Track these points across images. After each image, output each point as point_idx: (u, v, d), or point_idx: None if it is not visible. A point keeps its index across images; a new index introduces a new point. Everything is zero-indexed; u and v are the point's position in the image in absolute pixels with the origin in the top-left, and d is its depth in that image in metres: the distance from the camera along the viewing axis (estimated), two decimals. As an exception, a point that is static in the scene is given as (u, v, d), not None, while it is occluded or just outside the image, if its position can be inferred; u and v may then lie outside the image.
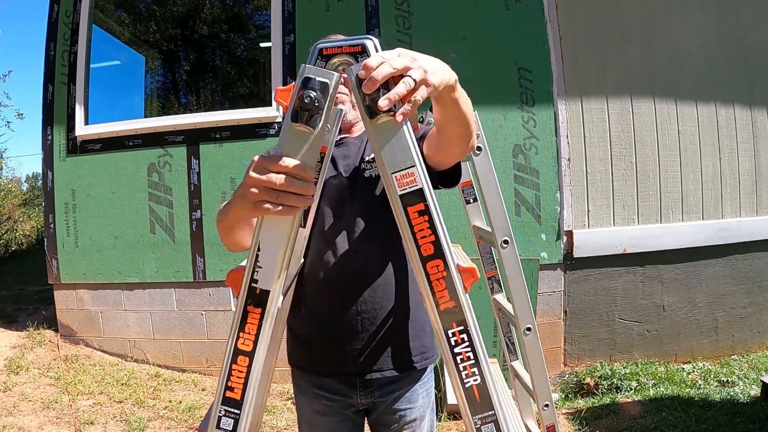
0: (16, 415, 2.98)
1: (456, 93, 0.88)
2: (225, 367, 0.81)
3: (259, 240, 0.79)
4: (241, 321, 0.80)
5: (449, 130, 1.01)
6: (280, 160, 0.75)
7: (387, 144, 0.78)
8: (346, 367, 1.26)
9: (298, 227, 0.82)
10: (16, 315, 4.41)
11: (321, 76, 0.76)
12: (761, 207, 3.71)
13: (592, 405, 2.99)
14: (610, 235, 3.47)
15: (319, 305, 1.27)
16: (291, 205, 0.76)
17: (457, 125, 0.97)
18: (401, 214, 0.79)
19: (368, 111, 0.77)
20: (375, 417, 1.34)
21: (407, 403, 1.31)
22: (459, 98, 0.90)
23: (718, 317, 3.62)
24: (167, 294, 3.70)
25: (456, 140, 1.03)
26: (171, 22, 4.63)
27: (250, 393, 0.81)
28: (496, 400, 0.81)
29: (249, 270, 0.80)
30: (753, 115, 3.68)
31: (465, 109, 0.94)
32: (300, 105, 0.76)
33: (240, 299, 0.80)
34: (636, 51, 3.54)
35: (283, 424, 2.98)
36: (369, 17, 3.45)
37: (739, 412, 2.70)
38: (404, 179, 0.78)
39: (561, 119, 3.43)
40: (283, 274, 0.81)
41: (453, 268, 0.79)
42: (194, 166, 3.61)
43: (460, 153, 1.10)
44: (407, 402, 1.31)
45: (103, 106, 4.06)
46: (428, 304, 0.81)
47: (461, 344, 0.80)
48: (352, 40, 0.80)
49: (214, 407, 0.82)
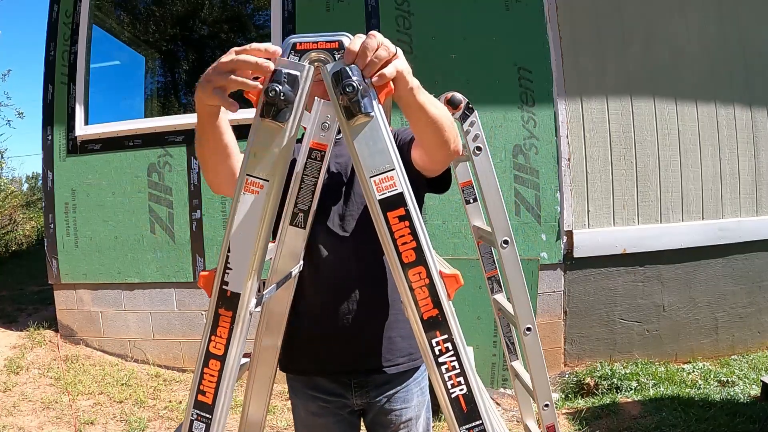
0: (16, 415, 2.98)
1: (420, 96, 0.86)
2: (197, 370, 0.79)
3: (229, 241, 0.77)
4: (212, 324, 0.78)
5: (423, 137, 0.99)
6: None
7: (365, 146, 0.75)
8: (340, 366, 1.27)
9: (269, 228, 0.80)
10: (16, 315, 4.41)
11: (290, 69, 0.74)
12: (761, 207, 3.71)
13: (592, 405, 2.98)
14: (610, 235, 3.47)
15: (314, 305, 1.27)
16: (244, 76, 0.75)
17: (430, 132, 0.95)
18: (380, 220, 0.76)
19: (345, 111, 0.74)
20: (371, 418, 1.34)
21: (402, 403, 1.30)
22: (426, 103, 0.88)
23: (718, 317, 3.62)
24: (167, 294, 3.69)
25: (434, 147, 1.01)
26: (171, 22, 4.63)
27: (222, 397, 0.78)
28: (484, 410, 0.78)
29: (219, 272, 0.78)
30: (753, 115, 3.68)
31: (434, 114, 0.91)
32: (266, 99, 0.73)
33: (211, 302, 0.78)
34: (636, 51, 3.54)
35: (283, 424, 2.98)
36: (369, 17, 3.45)
37: (739, 412, 2.70)
38: (383, 183, 0.75)
39: (561, 119, 3.43)
40: (254, 276, 0.78)
41: (436, 275, 0.76)
42: (194, 166, 3.61)
43: (442, 158, 1.09)
44: (402, 402, 1.30)
45: (103, 106, 4.06)
46: (410, 313, 0.78)
47: (446, 353, 0.77)
48: (328, 36, 0.77)
49: (186, 411, 0.81)
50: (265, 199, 0.77)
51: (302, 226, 1.18)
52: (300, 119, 0.77)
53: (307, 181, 1.16)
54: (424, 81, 0.87)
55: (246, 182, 0.76)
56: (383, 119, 0.76)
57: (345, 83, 0.73)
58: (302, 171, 1.15)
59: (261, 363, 1.25)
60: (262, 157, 0.76)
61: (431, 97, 0.91)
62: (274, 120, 0.74)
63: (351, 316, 1.24)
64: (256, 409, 1.29)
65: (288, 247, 1.19)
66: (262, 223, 0.77)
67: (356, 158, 0.76)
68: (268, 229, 0.79)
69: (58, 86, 3.81)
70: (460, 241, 3.37)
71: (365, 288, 1.25)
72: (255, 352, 1.26)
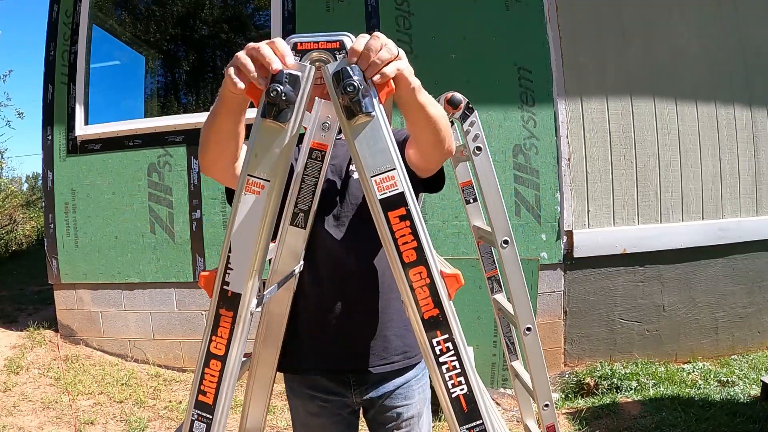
0: (16, 415, 2.98)
1: (421, 96, 0.87)
2: (198, 370, 0.79)
3: (230, 241, 0.77)
4: (213, 324, 0.78)
5: (421, 137, 1.00)
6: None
7: (365, 146, 0.75)
8: (339, 363, 1.27)
9: (270, 228, 0.80)
10: (16, 315, 4.41)
11: (291, 69, 0.74)
12: (761, 207, 3.71)
13: (592, 405, 2.98)
14: (610, 235, 3.47)
15: (312, 305, 1.28)
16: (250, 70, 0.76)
17: (428, 131, 0.96)
18: (381, 220, 0.76)
19: (346, 111, 0.74)
20: (371, 416, 1.34)
21: (403, 400, 1.31)
22: (426, 103, 0.89)
23: (718, 317, 3.62)
24: (167, 294, 3.69)
25: (430, 147, 1.02)
26: (171, 22, 4.63)
27: (223, 397, 0.79)
28: (484, 410, 0.78)
29: (220, 272, 0.78)
30: (753, 115, 3.68)
31: (433, 113, 0.93)
32: (267, 99, 0.73)
33: (212, 302, 0.78)
34: (636, 51, 3.54)
35: (283, 424, 2.98)
36: (369, 17, 3.45)
37: (739, 412, 2.70)
38: (384, 183, 0.75)
39: (561, 119, 3.43)
40: (255, 277, 0.78)
41: (437, 274, 0.76)
42: (194, 166, 3.61)
43: (437, 158, 1.11)
44: (403, 399, 1.31)
45: (103, 106, 4.06)
46: (411, 313, 0.78)
47: (446, 353, 0.77)
48: (329, 35, 0.77)
49: (187, 411, 0.81)
50: (266, 200, 0.77)
51: (303, 226, 1.19)
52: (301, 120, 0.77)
53: (308, 181, 1.16)
54: (424, 81, 0.87)
55: (247, 182, 0.76)
56: (384, 119, 0.76)
57: (346, 83, 0.73)
58: (303, 171, 1.15)
59: (261, 363, 1.25)
60: (263, 157, 0.76)
61: (431, 97, 0.92)
62: (275, 120, 0.74)
63: (347, 315, 1.25)
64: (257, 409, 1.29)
65: (288, 247, 1.20)
66: (263, 224, 0.77)
67: (357, 158, 0.76)
68: (269, 229, 0.79)
69: (58, 86, 3.81)
70: (461, 241, 3.37)
71: (361, 288, 1.26)
72: (255, 352, 1.26)
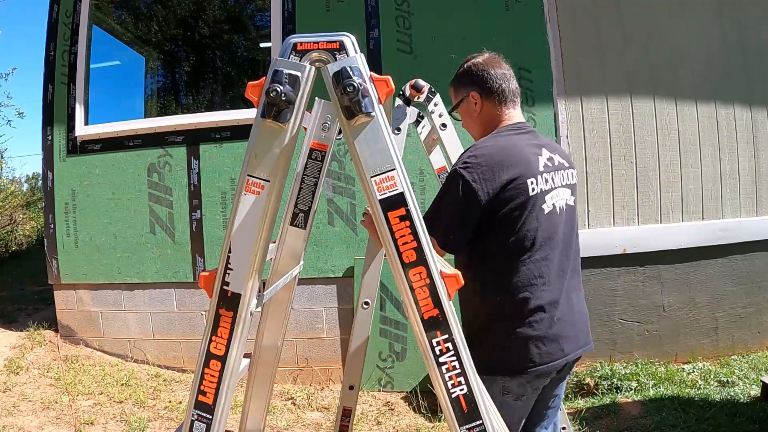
0: (16, 415, 2.98)
1: None
2: (198, 371, 0.79)
3: (230, 241, 0.77)
4: (213, 324, 0.78)
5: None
6: None
7: (365, 146, 0.75)
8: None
9: (270, 228, 0.80)
10: (16, 315, 4.41)
11: (291, 69, 0.74)
12: (761, 207, 3.71)
13: (592, 405, 2.98)
14: (610, 235, 3.47)
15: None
16: None
17: None
18: (381, 220, 0.76)
19: (346, 111, 0.75)
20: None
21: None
22: None
23: (718, 317, 3.62)
24: (167, 294, 3.69)
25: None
26: (171, 22, 4.63)
27: (223, 398, 0.79)
28: (484, 410, 0.78)
29: (220, 273, 0.78)
30: (753, 115, 3.68)
31: None
32: (267, 99, 0.74)
33: (212, 302, 0.78)
34: (636, 51, 3.54)
35: (283, 424, 2.98)
36: (369, 17, 3.45)
37: (739, 412, 2.70)
38: (384, 183, 0.75)
39: (561, 119, 3.43)
40: (255, 277, 0.78)
41: (437, 275, 0.77)
42: (194, 166, 3.61)
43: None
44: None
45: (103, 106, 4.06)
46: (411, 313, 0.78)
47: (446, 353, 0.78)
48: (329, 36, 0.77)
49: (187, 412, 0.80)
50: (266, 200, 0.77)
51: (303, 226, 1.18)
52: (301, 120, 0.77)
53: (308, 181, 1.16)
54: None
55: (247, 183, 0.76)
56: (384, 119, 0.76)
57: (346, 83, 0.73)
58: (302, 171, 1.15)
59: (261, 363, 1.25)
60: (263, 157, 0.76)
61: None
62: (275, 120, 0.74)
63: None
64: (257, 409, 1.29)
65: (288, 247, 1.19)
66: (263, 224, 0.77)
67: (356, 158, 0.76)
68: (269, 229, 0.79)
69: (58, 86, 3.81)
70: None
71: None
72: (255, 353, 1.26)
